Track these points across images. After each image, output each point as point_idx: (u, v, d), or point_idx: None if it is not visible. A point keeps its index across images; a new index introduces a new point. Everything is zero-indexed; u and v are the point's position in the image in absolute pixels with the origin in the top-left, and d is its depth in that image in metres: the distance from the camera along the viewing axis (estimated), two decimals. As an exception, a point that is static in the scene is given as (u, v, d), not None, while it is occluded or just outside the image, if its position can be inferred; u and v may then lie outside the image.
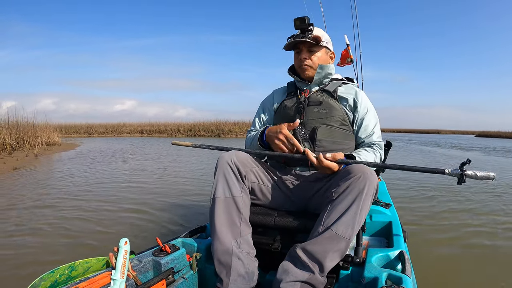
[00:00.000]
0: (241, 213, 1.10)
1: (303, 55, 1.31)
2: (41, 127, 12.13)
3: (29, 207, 3.36)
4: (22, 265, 2.01)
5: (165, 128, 24.25)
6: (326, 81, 1.36)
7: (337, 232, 0.96)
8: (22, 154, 8.44)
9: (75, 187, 4.40)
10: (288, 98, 1.40)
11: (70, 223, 2.84)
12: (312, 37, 1.28)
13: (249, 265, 1.06)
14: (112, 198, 3.81)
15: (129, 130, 24.61)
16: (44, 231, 2.63)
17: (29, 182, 4.79)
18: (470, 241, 2.52)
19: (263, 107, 1.50)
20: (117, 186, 4.51)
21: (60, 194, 3.96)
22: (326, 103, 1.30)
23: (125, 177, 5.36)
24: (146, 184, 4.68)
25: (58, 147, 11.83)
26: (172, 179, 5.15)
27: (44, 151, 9.76)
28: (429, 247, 2.37)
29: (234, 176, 1.12)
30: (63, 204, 3.49)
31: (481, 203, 3.74)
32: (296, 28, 1.29)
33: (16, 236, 2.49)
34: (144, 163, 7.30)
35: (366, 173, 1.00)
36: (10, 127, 9.49)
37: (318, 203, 1.16)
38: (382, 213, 1.55)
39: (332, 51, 1.40)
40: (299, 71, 1.37)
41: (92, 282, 0.89)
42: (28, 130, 10.64)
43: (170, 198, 3.83)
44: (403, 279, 0.87)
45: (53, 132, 12.97)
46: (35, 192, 4.05)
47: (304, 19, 1.25)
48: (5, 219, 2.95)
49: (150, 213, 3.16)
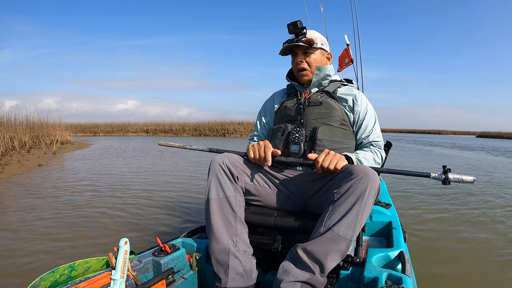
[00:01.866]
0: (236, 212, 1.11)
1: (299, 58, 1.33)
2: (54, 126, 12.43)
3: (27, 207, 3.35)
4: (20, 265, 2.00)
5: (170, 127, 24.61)
6: (325, 82, 1.37)
7: (338, 233, 0.96)
8: (40, 152, 8.60)
9: (91, 185, 4.40)
10: (288, 99, 1.41)
11: (70, 223, 2.82)
12: (305, 40, 1.29)
13: (246, 263, 1.07)
14: (114, 197, 3.81)
15: (135, 130, 24.91)
16: (44, 231, 2.61)
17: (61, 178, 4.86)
18: (471, 241, 2.53)
19: (264, 110, 1.51)
20: (119, 186, 4.50)
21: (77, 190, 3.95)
22: (326, 103, 1.31)
23: (130, 176, 5.38)
24: (147, 184, 4.67)
25: (72, 146, 11.99)
26: (172, 179, 5.14)
27: (59, 149, 9.96)
28: (429, 247, 2.38)
29: (227, 177, 1.14)
30: (65, 202, 3.48)
31: (482, 203, 3.77)
32: (290, 33, 1.31)
33: (16, 238, 2.47)
34: (150, 161, 7.36)
35: (368, 174, 1.01)
36: (26, 126, 9.72)
37: (318, 203, 1.16)
38: (382, 213, 1.56)
39: (328, 52, 1.40)
40: (296, 75, 1.38)
41: (92, 282, 0.89)
42: (43, 129, 10.95)
43: (171, 198, 3.83)
44: (403, 279, 0.88)
45: (64, 131, 13.21)
46: (57, 188, 4.04)
47: (297, 23, 1.27)
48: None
49: (150, 213, 3.15)
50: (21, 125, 9.46)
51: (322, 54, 1.37)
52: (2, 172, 5.45)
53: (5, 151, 6.99)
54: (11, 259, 2.08)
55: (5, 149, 7.04)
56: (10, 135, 7.66)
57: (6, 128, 7.89)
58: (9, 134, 7.67)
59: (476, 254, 2.28)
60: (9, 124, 8.68)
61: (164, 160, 7.80)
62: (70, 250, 2.25)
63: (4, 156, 6.65)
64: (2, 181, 4.92)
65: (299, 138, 1.26)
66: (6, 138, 7.25)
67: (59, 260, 2.04)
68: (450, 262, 2.14)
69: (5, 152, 6.90)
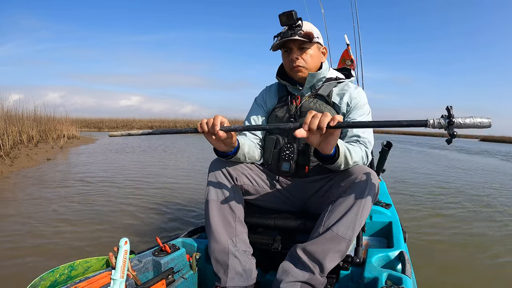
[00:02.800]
0: (235, 213, 1.11)
1: (294, 54, 1.17)
2: (61, 120, 12.54)
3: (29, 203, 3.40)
4: (20, 265, 2.01)
5: (175, 124, 24.97)
6: (319, 84, 1.24)
7: (337, 233, 0.96)
8: (48, 146, 8.72)
9: (93, 181, 4.46)
10: (279, 106, 1.28)
11: (70, 222, 2.83)
12: (303, 34, 1.14)
13: (246, 263, 1.07)
14: (115, 196, 3.82)
15: (139, 126, 25.28)
16: (45, 230, 2.63)
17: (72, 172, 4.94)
18: (471, 242, 2.51)
19: (257, 105, 1.37)
20: (121, 184, 4.53)
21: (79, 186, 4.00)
22: (319, 111, 1.18)
23: (132, 173, 5.41)
24: (147, 183, 4.69)
25: (78, 141, 12.11)
26: (173, 178, 5.15)
27: (66, 144, 10.12)
28: (429, 247, 2.37)
29: (225, 178, 1.13)
30: (66, 201, 3.53)
31: (482, 203, 3.73)
32: (282, 25, 1.15)
33: (16, 240, 2.50)
34: (154, 159, 7.39)
35: (367, 174, 1.00)
36: (33, 120, 9.82)
37: (317, 204, 1.15)
38: (382, 213, 1.56)
39: (323, 46, 1.25)
40: (290, 73, 1.23)
41: (92, 282, 0.90)
42: (49, 123, 11.07)
43: (171, 198, 3.83)
44: (403, 280, 0.87)
45: (70, 126, 13.32)
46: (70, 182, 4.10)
47: (292, 14, 1.11)
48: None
49: (150, 213, 3.15)
50: (29, 119, 9.54)
51: (318, 49, 1.22)
52: (12, 165, 5.55)
53: (13, 144, 7.08)
54: (11, 260, 2.10)
55: (13, 142, 7.13)
56: (18, 129, 7.75)
57: (14, 122, 7.98)
58: (17, 128, 7.77)
59: (476, 255, 2.27)
60: (17, 118, 8.77)
61: (168, 158, 7.81)
62: (70, 250, 2.26)
63: (13, 149, 6.75)
64: (13, 173, 5.02)
65: (290, 155, 1.16)
66: (14, 131, 7.35)
67: (58, 260, 2.03)
68: (450, 262, 2.13)
69: (13, 145, 7.00)
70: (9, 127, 7.10)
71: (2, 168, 5.20)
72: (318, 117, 0.82)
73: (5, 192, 3.85)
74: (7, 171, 5.10)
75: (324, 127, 0.81)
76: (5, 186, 4.18)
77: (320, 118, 0.82)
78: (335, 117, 0.82)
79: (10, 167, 5.39)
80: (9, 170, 5.18)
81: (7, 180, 4.50)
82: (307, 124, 0.83)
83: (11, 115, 8.61)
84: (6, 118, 7.85)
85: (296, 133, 0.83)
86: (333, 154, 0.95)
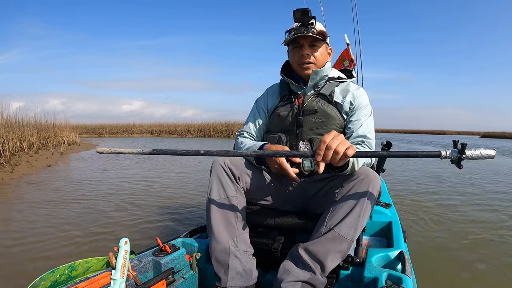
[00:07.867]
0: (237, 212, 1.11)
1: (305, 51, 1.20)
2: (61, 127, 12.61)
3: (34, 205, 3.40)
4: (20, 264, 2.02)
5: (175, 128, 24.69)
6: (322, 82, 1.26)
7: (340, 233, 0.96)
8: (48, 152, 8.75)
9: (98, 186, 4.45)
10: (281, 104, 1.30)
11: (70, 222, 2.85)
12: (318, 32, 1.18)
13: (246, 263, 1.07)
14: (115, 197, 3.84)
15: (139, 131, 25.12)
16: (45, 231, 2.64)
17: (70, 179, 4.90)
18: (471, 241, 2.50)
19: (258, 108, 1.38)
20: (121, 186, 4.54)
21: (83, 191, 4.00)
22: (322, 111, 1.21)
23: (132, 176, 5.42)
24: (148, 184, 4.70)
25: (78, 147, 12.15)
26: (173, 179, 5.16)
27: (66, 150, 10.15)
28: (429, 247, 2.36)
29: (228, 177, 1.13)
30: (67, 202, 3.53)
31: (482, 203, 3.72)
32: (296, 21, 1.18)
33: (17, 240, 2.51)
34: (153, 162, 7.40)
35: (369, 175, 1.01)
36: (33, 127, 9.89)
37: (319, 204, 1.15)
38: (382, 213, 1.56)
39: (330, 47, 1.30)
40: (297, 69, 1.25)
41: (92, 282, 0.89)
42: (50, 130, 11.13)
43: (171, 197, 3.85)
44: (403, 279, 0.87)
45: (71, 132, 13.41)
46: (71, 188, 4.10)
47: (307, 11, 1.14)
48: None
49: (150, 213, 3.17)
50: (29, 126, 9.61)
51: (326, 48, 1.26)
52: (13, 172, 5.55)
53: (14, 151, 7.10)
54: (10, 260, 2.11)
55: (14, 149, 7.16)
56: (18, 136, 7.78)
57: (14, 129, 8.01)
58: (17, 135, 7.79)
59: (476, 254, 2.26)
60: (17, 125, 8.82)
61: (169, 159, 7.85)
62: (70, 250, 2.27)
63: (13, 156, 6.77)
64: (13, 180, 5.02)
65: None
66: (14, 139, 7.37)
67: (59, 260, 2.05)
68: (450, 262, 2.12)
69: (13, 152, 7.02)
70: (9, 135, 7.14)
71: (3, 175, 5.21)
72: (331, 148, 0.82)
73: (6, 198, 3.86)
74: (8, 178, 5.11)
75: (339, 158, 0.83)
76: (6, 192, 4.18)
77: (334, 149, 0.82)
78: (350, 148, 0.83)
79: (11, 174, 5.40)
80: (9, 177, 5.19)
81: (8, 187, 4.51)
82: (321, 156, 0.83)
83: (11, 122, 8.66)
84: (7, 125, 7.90)
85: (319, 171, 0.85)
86: (343, 164, 0.95)
